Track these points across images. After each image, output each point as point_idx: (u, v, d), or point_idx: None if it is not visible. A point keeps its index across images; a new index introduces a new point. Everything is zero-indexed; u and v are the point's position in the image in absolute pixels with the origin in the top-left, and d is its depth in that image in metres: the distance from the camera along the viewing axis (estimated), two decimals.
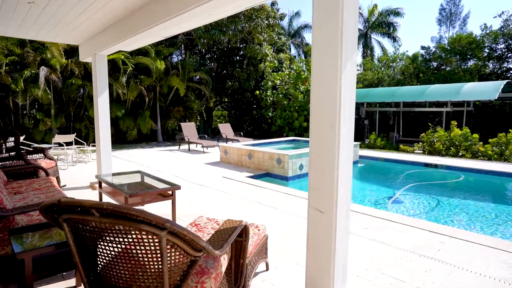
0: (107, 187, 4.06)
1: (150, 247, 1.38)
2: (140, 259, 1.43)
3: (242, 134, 15.55)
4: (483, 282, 2.54)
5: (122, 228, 1.36)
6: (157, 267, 1.42)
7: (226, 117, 21.69)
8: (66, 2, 3.78)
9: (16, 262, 2.06)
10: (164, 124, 14.68)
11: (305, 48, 25.42)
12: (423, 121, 16.87)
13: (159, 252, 1.37)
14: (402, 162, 9.02)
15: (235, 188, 5.59)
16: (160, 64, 12.72)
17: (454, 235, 3.46)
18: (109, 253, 1.49)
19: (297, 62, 17.51)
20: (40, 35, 5.33)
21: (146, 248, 1.38)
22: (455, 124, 11.15)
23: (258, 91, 15.68)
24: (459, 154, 10.09)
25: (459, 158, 9.56)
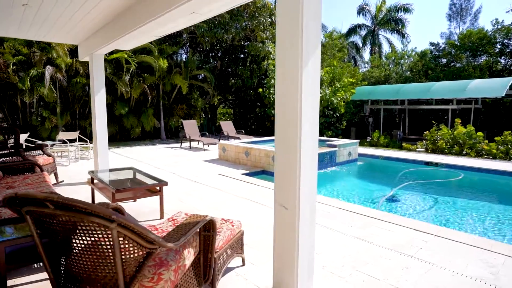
0: (98, 183, 4.17)
1: (104, 239, 1.45)
2: (96, 250, 1.50)
3: (244, 131, 15.60)
4: (459, 281, 2.52)
5: (77, 221, 1.43)
6: (112, 258, 1.49)
7: (231, 115, 21.78)
8: (58, 4, 3.89)
9: None
10: (167, 122, 14.85)
11: None
12: (430, 119, 16.60)
13: (112, 244, 1.43)
14: (402, 161, 8.91)
15: (228, 185, 5.65)
16: (163, 62, 12.87)
17: (439, 234, 3.43)
18: (70, 244, 1.58)
19: None
20: (39, 35, 5.48)
21: (100, 239, 1.45)
22: (459, 122, 10.92)
23: (261, 89, 15.68)
24: (463, 152, 9.89)
25: (462, 157, 9.38)
